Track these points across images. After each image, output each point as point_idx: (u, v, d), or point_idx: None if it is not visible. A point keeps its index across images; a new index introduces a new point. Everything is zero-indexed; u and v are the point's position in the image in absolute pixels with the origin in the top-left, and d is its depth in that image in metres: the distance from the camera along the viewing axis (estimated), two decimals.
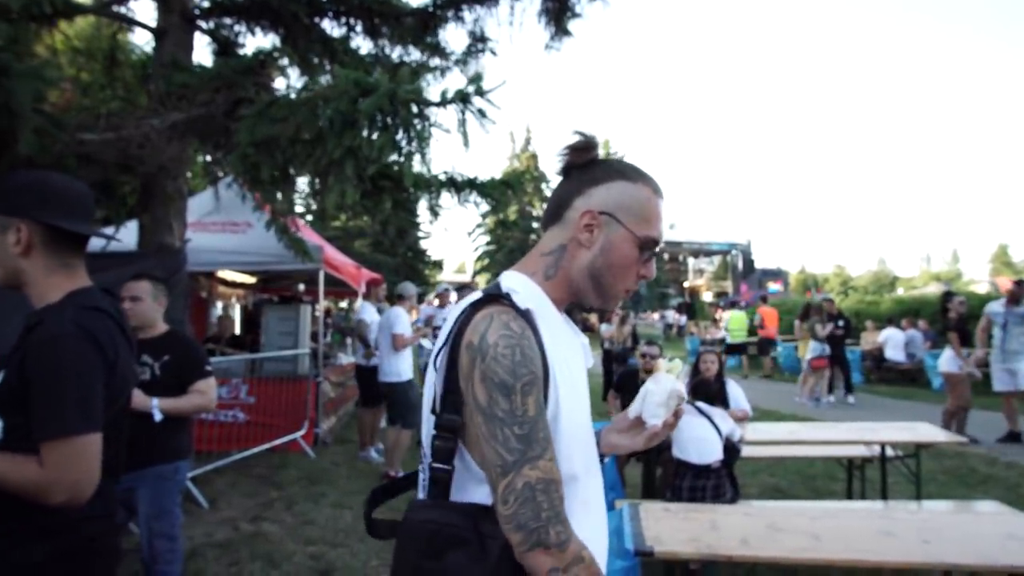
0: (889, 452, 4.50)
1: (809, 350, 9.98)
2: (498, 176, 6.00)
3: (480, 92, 2.48)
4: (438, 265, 33.91)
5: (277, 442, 6.08)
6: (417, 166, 5.65)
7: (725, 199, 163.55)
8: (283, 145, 2.57)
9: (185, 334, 3.00)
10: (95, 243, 1.61)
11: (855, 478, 4.92)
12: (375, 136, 2.44)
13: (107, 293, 1.57)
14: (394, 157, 4.96)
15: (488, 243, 37.72)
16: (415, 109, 2.42)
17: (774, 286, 37.03)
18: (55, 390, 1.27)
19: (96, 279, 1.56)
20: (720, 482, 3.62)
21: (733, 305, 16.00)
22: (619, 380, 5.50)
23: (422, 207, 5.89)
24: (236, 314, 11.43)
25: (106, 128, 2.69)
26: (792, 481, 5.54)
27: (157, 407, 2.63)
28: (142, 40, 7.25)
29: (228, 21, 4.73)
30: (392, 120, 2.35)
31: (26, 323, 1.38)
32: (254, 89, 3.02)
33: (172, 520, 2.76)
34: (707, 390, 4.05)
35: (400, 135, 2.48)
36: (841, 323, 10.27)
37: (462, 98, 2.45)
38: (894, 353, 12.63)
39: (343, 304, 18.34)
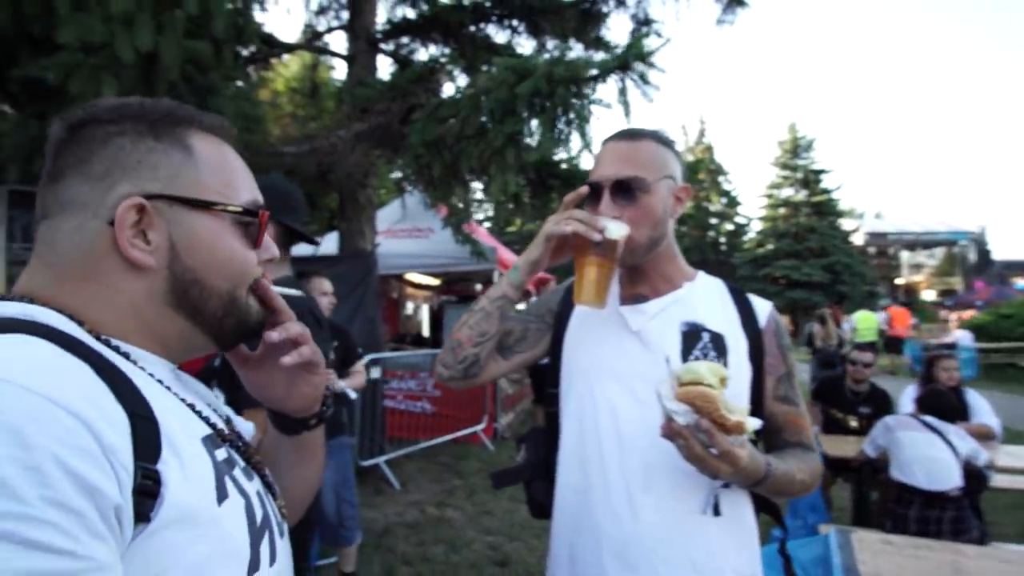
0: None
1: None
2: None
3: (640, 56, 2.29)
4: None
5: (459, 434, 6.42)
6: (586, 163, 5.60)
7: (947, 179, 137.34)
8: (450, 142, 2.66)
9: (342, 324, 3.29)
10: (305, 248, 1.80)
11: None
12: (534, 121, 2.39)
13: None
14: (560, 155, 4.97)
15: None
16: (573, 88, 2.31)
17: (1021, 282, 30.19)
18: None
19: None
20: (961, 515, 2.93)
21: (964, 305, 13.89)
22: (819, 386, 4.78)
23: None
24: (424, 314, 12.46)
25: (302, 142, 3.06)
26: None
27: (348, 387, 2.90)
28: (340, 73, 8.22)
29: (405, 40, 5.12)
30: (549, 102, 2.28)
31: None
32: (425, 95, 3.20)
33: (352, 487, 3.05)
34: (938, 401, 3.30)
35: (559, 115, 2.40)
36: None
37: (621, 65, 2.28)
38: None
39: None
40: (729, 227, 35.27)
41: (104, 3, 1.42)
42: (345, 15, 5.58)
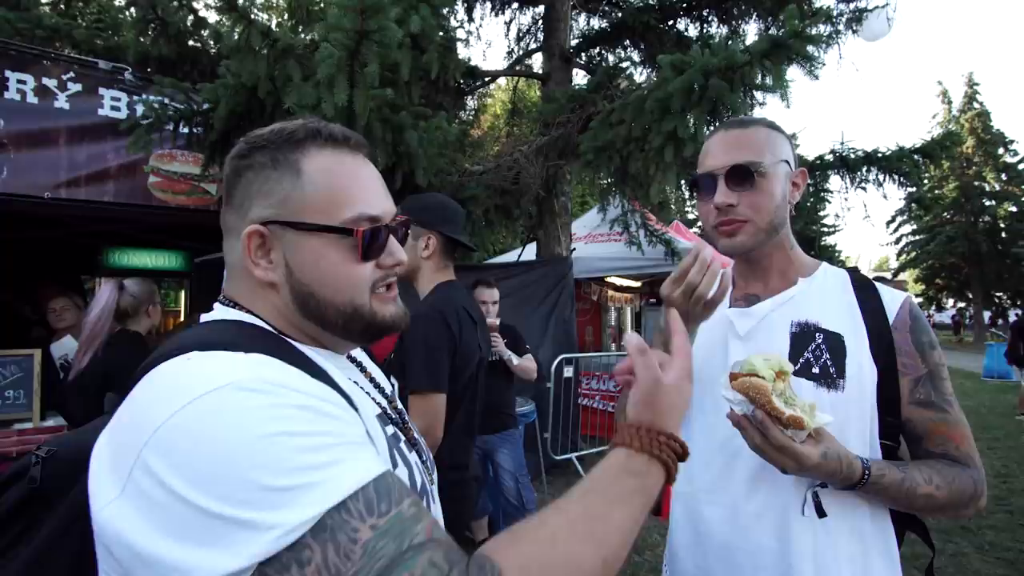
0: None
1: None
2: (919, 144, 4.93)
3: (798, 35, 2.05)
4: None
5: None
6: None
7: None
8: (619, 146, 2.70)
9: (510, 324, 3.56)
10: (508, 255, 2.07)
11: None
12: (689, 115, 2.31)
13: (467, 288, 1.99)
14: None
15: (915, 231, 30.07)
16: (727, 78, 2.17)
17: None
18: (413, 356, 1.65)
19: (505, 285, 2.00)
20: None
21: None
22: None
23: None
24: (628, 317, 12.43)
25: (491, 161, 3.38)
26: None
27: (512, 358, 3.22)
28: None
29: (595, 50, 5.25)
30: (704, 94, 2.17)
31: None
32: (602, 102, 3.27)
33: (526, 472, 3.38)
34: None
35: (718, 108, 2.27)
36: None
37: (774, 45, 2.07)
38: None
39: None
40: (1010, 208, 27.42)
41: (313, 73, 1.85)
42: (542, 36, 5.95)
